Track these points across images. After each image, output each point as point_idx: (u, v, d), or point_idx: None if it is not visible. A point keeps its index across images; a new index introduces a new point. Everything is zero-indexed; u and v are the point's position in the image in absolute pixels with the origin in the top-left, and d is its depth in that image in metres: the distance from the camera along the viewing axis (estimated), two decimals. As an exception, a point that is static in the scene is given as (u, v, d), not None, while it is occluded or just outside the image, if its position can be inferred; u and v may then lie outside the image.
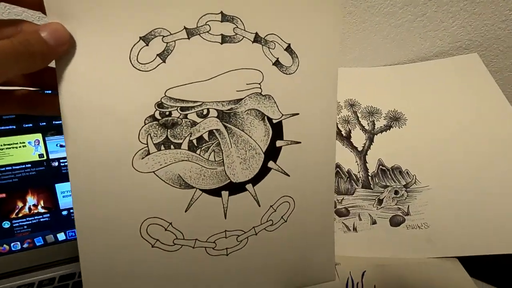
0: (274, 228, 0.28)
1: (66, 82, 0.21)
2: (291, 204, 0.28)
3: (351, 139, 0.39)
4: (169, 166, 0.24)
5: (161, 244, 0.25)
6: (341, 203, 0.37)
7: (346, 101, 0.41)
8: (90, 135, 0.22)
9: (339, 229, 0.35)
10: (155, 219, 0.24)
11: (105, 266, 0.24)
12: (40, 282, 0.37)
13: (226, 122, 0.25)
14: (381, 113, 0.40)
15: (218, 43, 0.24)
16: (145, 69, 0.22)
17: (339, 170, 0.38)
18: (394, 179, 0.37)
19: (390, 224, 0.35)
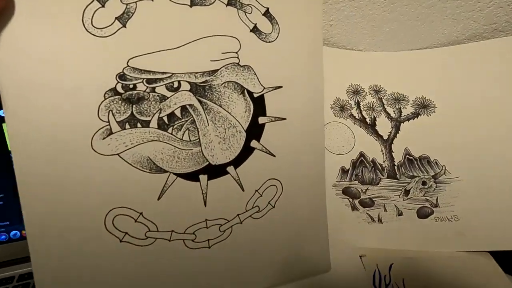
0: (261, 215, 0.26)
1: (3, 49, 0.17)
2: (278, 187, 0.26)
3: (376, 127, 0.37)
4: (137, 147, 0.21)
5: (131, 238, 0.22)
6: (365, 193, 0.35)
7: (370, 87, 0.39)
8: (37, 113, 0.18)
9: (363, 220, 0.34)
10: (122, 209, 0.21)
11: (63, 267, 0.20)
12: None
13: (200, 96, 0.22)
14: (408, 100, 0.38)
15: (187, 6, 0.21)
16: (102, 34, 0.19)
17: (363, 159, 0.36)
18: (421, 169, 0.36)
19: (417, 216, 0.34)
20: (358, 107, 0.38)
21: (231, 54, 0.23)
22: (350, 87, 0.39)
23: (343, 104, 0.38)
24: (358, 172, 0.36)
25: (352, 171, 0.36)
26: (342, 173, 0.36)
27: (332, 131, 0.37)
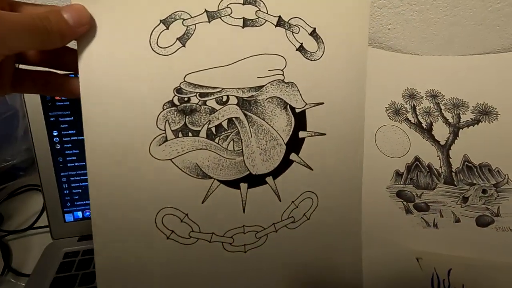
0: (296, 226, 0.26)
1: (86, 63, 0.21)
2: (314, 200, 0.26)
3: (432, 132, 0.37)
4: (187, 154, 0.23)
5: (176, 236, 0.24)
6: (420, 197, 0.35)
7: (427, 92, 0.39)
8: (109, 118, 0.21)
9: (418, 224, 0.34)
10: (171, 209, 0.23)
11: (119, 255, 0.23)
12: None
13: (246, 110, 0.24)
14: (468, 106, 0.38)
15: (240, 27, 0.23)
16: (165, 53, 0.22)
17: (418, 164, 0.36)
18: (482, 177, 0.35)
19: (476, 224, 0.33)
20: (414, 111, 0.38)
21: (277, 71, 0.24)
22: (406, 91, 0.39)
23: (398, 108, 0.38)
24: (413, 176, 0.36)
25: (406, 175, 0.36)
26: (396, 176, 0.36)
27: (387, 134, 0.37)
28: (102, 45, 0.21)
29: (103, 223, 0.22)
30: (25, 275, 0.34)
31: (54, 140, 0.35)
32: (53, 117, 0.34)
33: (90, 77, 0.21)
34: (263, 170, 0.25)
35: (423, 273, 0.29)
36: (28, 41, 0.17)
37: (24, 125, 0.42)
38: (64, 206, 0.36)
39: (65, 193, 0.36)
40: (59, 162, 0.35)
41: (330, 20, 0.24)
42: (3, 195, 0.44)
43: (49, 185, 0.35)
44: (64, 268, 0.33)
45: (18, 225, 0.41)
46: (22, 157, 0.44)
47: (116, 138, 0.22)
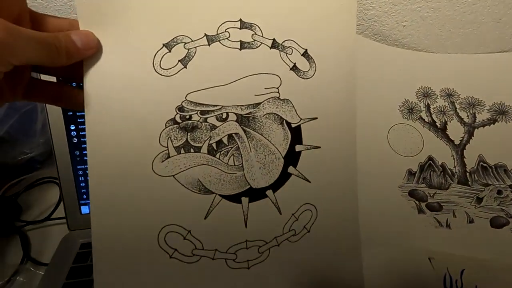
0: (297, 239, 0.27)
1: (91, 83, 0.21)
2: (313, 212, 0.27)
3: (446, 131, 0.37)
4: (189, 170, 0.23)
5: (179, 254, 0.24)
6: (433, 197, 0.34)
7: (442, 90, 0.38)
8: (112, 136, 0.22)
9: (430, 223, 0.34)
10: (173, 227, 0.23)
11: (120, 276, 0.22)
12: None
13: (245, 126, 0.25)
14: (484, 105, 0.37)
15: (237, 49, 0.24)
16: (167, 74, 0.23)
17: (431, 163, 0.36)
18: (497, 178, 0.35)
19: (490, 225, 0.33)
20: (428, 110, 0.37)
21: (273, 89, 0.25)
22: (420, 90, 0.38)
23: (412, 107, 0.37)
24: (426, 176, 0.35)
25: (419, 174, 0.35)
26: (409, 175, 0.35)
27: (400, 133, 0.36)
28: (107, 66, 0.22)
29: (104, 242, 0.22)
30: (43, 264, 0.35)
31: (71, 134, 0.36)
32: (71, 112, 0.35)
33: (94, 95, 0.21)
34: (263, 183, 0.25)
35: (436, 273, 0.29)
36: (38, 56, 0.18)
37: (43, 119, 0.44)
38: (80, 199, 0.37)
39: (82, 186, 0.37)
40: (76, 155, 0.36)
41: (320, 42, 0.26)
42: (22, 187, 0.45)
43: (66, 177, 0.36)
44: (80, 258, 0.34)
45: (36, 216, 0.41)
46: (40, 150, 0.45)
47: (119, 155, 0.22)
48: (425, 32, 0.40)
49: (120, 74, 0.22)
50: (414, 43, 0.41)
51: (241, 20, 0.24)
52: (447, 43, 0.40)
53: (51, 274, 0.33)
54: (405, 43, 0.41)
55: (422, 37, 0.40)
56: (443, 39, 0.40)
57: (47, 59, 0.19)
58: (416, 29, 0.40)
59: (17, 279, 0.34)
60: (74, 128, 0.36)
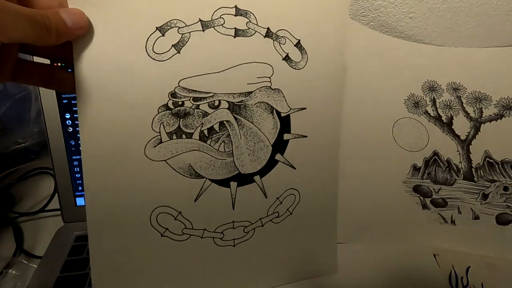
0: (280, 220, 0.29)
1: (81, 65, 0.21)
2: (296, 196, 0.29)
3: (452, 126, 0.36)
4: (180, 155, 0.24)
5: (170, 233, 0.25)
6: (438, 193, 0.34)
7: (448, 84, 0.37)
8: (104, 120, 0.22)
9: (435, 219, 0.34)
10: (165, 208, 0.24)
11: (114, 253, 0.24)
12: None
13: (236, 114, 0.26)
14: (491, 100, 0.36)
15: (231, 37, 0.24)
16: (160, 58, 0.23)
17: (437, 158, 0.35)
18: (504, 174, 0.34)
19: (496, 222, 0.33)
20: (434, 104, 0.36)
21: (265, 79, 0.26)
22: (426, 83, 0.37)
23: (417, 100, 0.36)
24: (431, 171, 0.35)
25: (424, 169, 0.35)
26: (414, 170, 0.35)
27: (405, 127, 0.36)
28: (98, 48, 0.21)
29: (98, 222, 0.23)
30: (37, 257, 0.34)
31: (66, 123, 0.35)
32: (66, 99, 0.34)
33: (86, 79, 0.21)
34: (251, 169, 0.27)
35: (441, 270, 0.29)
36: (26, 33, 0.17)
37: (37, 107, 0.41)
38: (76, 190, 0.36)
39: (77, 177, 0.36)
40: (71, 145, 0.35)
41: (313, 34, 0.27)
42: (15, 178, 0.43)
43: (61, 168, 0.35)
44: (75, 251, 0.34)
45: (29, 207, 0.40)
46: (35, 139, 0.43)
47: (112, 140, 0.22)
48: (432, 24, 0.39)
49: (112, 56, 0.21)
50: (421, 36, 0.40)
51: (236, 6, 0.24)
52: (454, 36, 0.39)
53: (45, 267, 0.31)
54: (411, 35, 0.40)
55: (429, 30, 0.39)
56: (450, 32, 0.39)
57: (35, 37, 0.18)
58: (423, 21, 0.39)
59: (10, 272, 0.33)
60: (69, 117, 0.34)
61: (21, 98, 0.41)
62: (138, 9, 0.22)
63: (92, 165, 0.22)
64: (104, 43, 0.21)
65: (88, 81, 0.21)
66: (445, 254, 0.31)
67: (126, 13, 0.21)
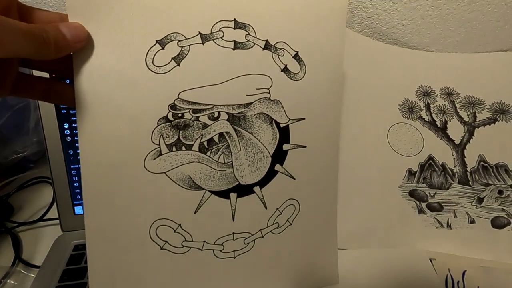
0: (280, 231, 0.29)
1: (82, 77, 0.21)
2: (296, 207, 0.29)
3: (447, 131, 0.36)
4: (180, 167, 0.24)
5: (170, 246, 0.25)
6: (434, 197, 0.34)
7: (442, 89, 0.37)
8: (104, 132, 0.22)
9: (431, 224, 0.34)
10: (164, 221, 0.24)
11: (113, 267, 0.23)
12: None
13: (236, 125, 0.26)
14: (484, 105, 0.37)
15: (231, 49, 0.24)
16: (160, 71, 0.23)
17: (432, 163, 0.35)
18: (498, 178, 0.35)
19: (491, 225, 0.33)
20: (428, 109, 0.37)
21: (264, 90, 0.26)
22: (420, 89, 0.38)
23: (412, 106, 0.37)
24: (426, 176, 0.35)
25: (420, 174, 0.35)
26: (409, 175, 0.35)
27: (400, 132, 0.36)
28: (98, 61, 0.21)
29: (97, 235, 0.23)
30: (35, 267, 0.34)
31: (65, 133, 0.35)
32: (64, 109, 0.34)
33: (86, 92, 0.21)
34: (251, 180, 0.27)
35: (437, 274, 0.29)
36: (24, 48, 0.17)
37: (36, 118, 0.42)
38: (74, 199, 0.36)
39: (75, 186, 0.36)
40: (70, 154, 0.35)
41: (311, 45, 0.27)
42: (14, 187, 0.43)
43: (60, 177, 0.35)
44: (74, 260, 0.34)
45: (28, 217, 0.40)
46: (33, 149, 0.43)
47: (111, 152, 0.22)
48: (425, 30, 0.40)
49: (112, 69, 0.22)
50: (414, 42, 0.41)
51: (235, 20, 0.24)
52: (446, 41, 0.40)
53: (43, 277, 0.31)
54: (405, 42, 0.41)
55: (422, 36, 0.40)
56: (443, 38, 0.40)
57: (34, 52, 0.18)
58: (416, 27, 0.40)
59: (8, 281, 0.33)
60: (67, 127, 0.35)
61: (20, 109, 0.41)
62: (138, 23, 0.22)
63: (92, 179, 0.22)
64: (104, 56, 0.21)
65: (88, 94, 0.21)
66: (441, 258, 0.32)
67: (126, 27, 0.22)
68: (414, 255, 0.31)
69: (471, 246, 0.33)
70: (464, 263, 0.31)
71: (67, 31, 0.19)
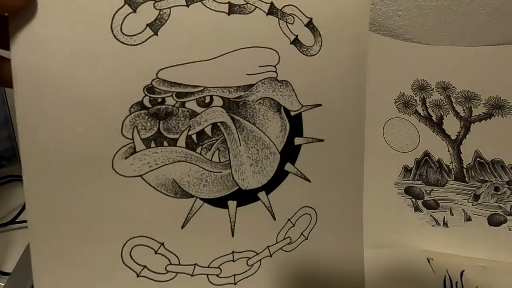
0: (293, 248, 0.23)
1: (21, 49, 0.15)
2: (312, 217, 0.23)
3: (442, 126, 0.36)
4: (161, 169, 0.19)
5: (149, 272, 0.19)
6: (430, 194, 0.34)
7: (438, 84, 0.37)
8: (54, 123, 0.16)
9: (427, 222, 0.33)
10: (142, 239, 0.19)
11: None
12: None
13: (233, 113, 0.20)
14: (480, 99, 0.36)
15: (225, 13, 0.19)
16: (132, 42, 0.17)
17: (428, 159, 0.35)
18: (494, 174, 0.34)
19: (488, 223, 0.33)
20: (424, 103, 0.37)
21: (269, 68, 0.20)
22: (415, 82, 0.37)
23: (407, 100, 0.37)
24: (422, 172, 0.35)
25: (415, 171, 0.35)
26: (405, 171, 0.35)
27: (395, 127, 0.36)
28: (45, 28, 0.16)
29: (48, 262, 0.17)
30: (5, 274, 0.31)
31: None
32: None
33: (28, 69, 0.16)
34: (255, 184, 0.21)
35: (435, 275, 0.28)
36: None
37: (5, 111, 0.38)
38: None
39: None
40: None
41: (329, 10, 0.21)
42: None
43: None
44: None
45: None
46: (5, 145, 0.39)
47: (66, 149, 0.17)
48: (421, 22, 0.39)
49: (64, 40, 0.16)
50: (410, 34, 0.40)
51: (230, -26, 0.19)
52: (443, 34, 0.40)
53: (14, 285, 0.28)
54: (400, 34, 0.40)
55: (418, 28, 0.40)
56: (439, 30, 0.39)
57: None
58: (412, 19, 0.39)
59: None
60: None
61: (-13, 103, 0.37)
62: None
63: (37, 187, 0.16)
64: (54, 21, 0.16)
65: (29, 71, 0.16)
66: (439, 258, 0.31)
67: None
68: (411, 255, 0.30)
69: (468, 245, 0.32)
70: (462, 262, 0.31)
71: None
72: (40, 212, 0.17)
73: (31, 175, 0.16)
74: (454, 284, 0.28)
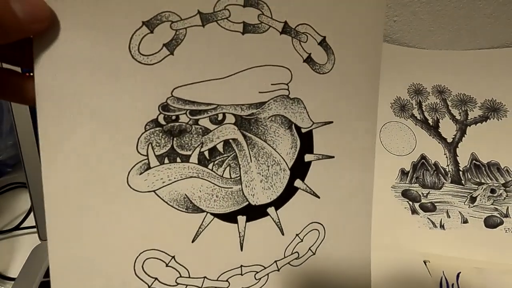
0: (300, 263, 0.23)
1: (44, 68, 0.16)
2: (321, 232, 0.23)
3: (439, 129, 0.36)
4: (174, 184, 0.19)
5: (160, 284, 0.20)
6: (427, 197, 0.34)
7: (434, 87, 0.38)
8: (74, 140, 0.17)
9: (424, 224, 0.33)
10: (154, 252, 0.19)
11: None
12: None
13: (245, 130, 0.20)
14: (476, 102, 0.37)
15: (239, 33, 0.19)
16: (148, 62, 0.18)
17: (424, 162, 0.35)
18: (490, 176, 0.35)
19: (484, 225, 0.33)
20: (420, 107, 0.37)
21: (281, 86, 0.21)
22: (411, 86, 0.38)
23: (403, 104, 0.37)
24: (419, 175, 0.35)
25: (412, 174, 0.35)
26: (402, 174, 0.35)
27: (392, 131, 0.36)
28: (67, 49, 0.16)
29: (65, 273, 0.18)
30: (10, 279, 0.32)
31: None
32: None
33: (49, 88, 0.16)
34: (264, 199, 0.21)
35: (431, 277, 0.29)
36: None
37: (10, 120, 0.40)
38: None
39: None
40: None
41: (342, 29, 0.21)
42: None
43: (37, 183, 0.32)
44: None
45: (4, 225, 0.38)
46: (9, 153, 0.41)
47: (83, 165, 0.17)
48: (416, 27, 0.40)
49: (85, 60, 0.17)
50: (405, 39, 0.40)
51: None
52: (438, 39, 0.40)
53: None
54: (396, 39, 0.40)
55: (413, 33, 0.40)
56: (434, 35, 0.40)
57: None
58: (407, 24, 0.39)
59: None
60: None
61: (-8, 111, 0.39)
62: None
63: (57, 199, 0.17)
64: (74, 42, 0.16)
65: (52, 90, 0.16)
66: (435, 260, 0.31)
67: (103, 4, 0.17)
68: (407, 257, 0.30)
69: (465, 247, 0.32)
70: (458, 264, 0.31)
71: (19, 8, 0.14)
72: (60, 222, 0.17)
73: (54, 191, 0.17)
74: (450, 286, 0.28)
